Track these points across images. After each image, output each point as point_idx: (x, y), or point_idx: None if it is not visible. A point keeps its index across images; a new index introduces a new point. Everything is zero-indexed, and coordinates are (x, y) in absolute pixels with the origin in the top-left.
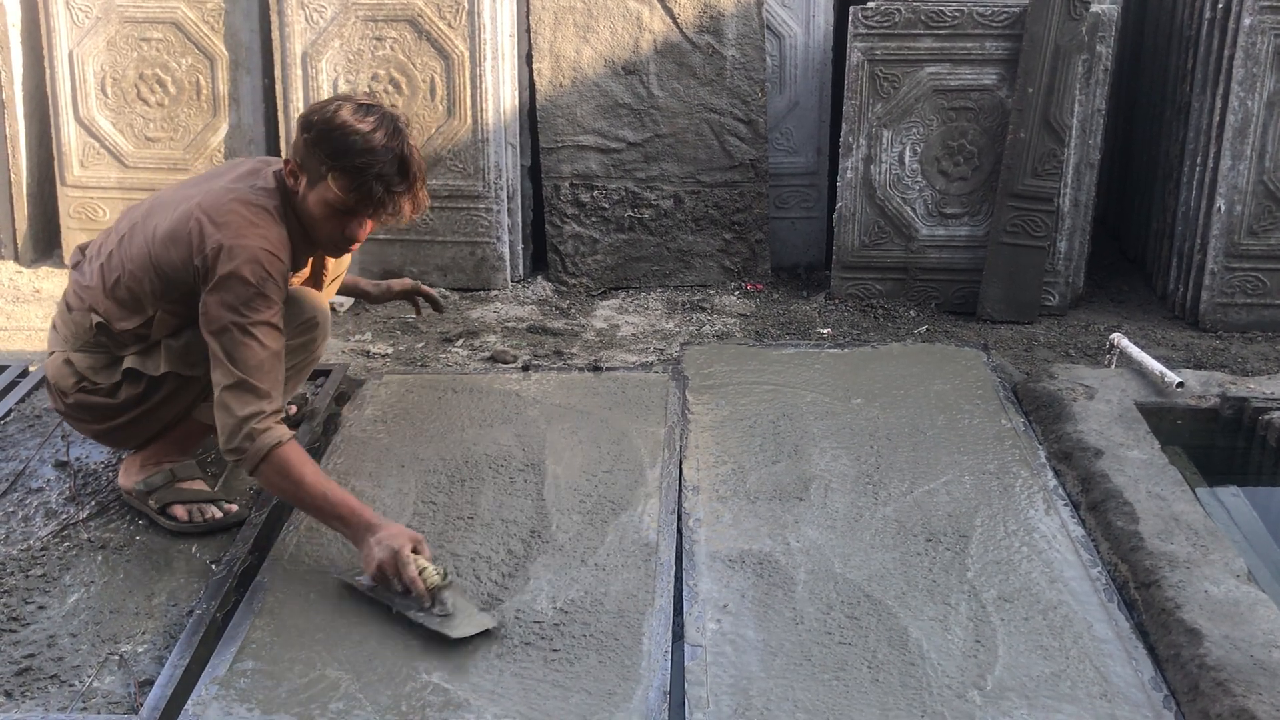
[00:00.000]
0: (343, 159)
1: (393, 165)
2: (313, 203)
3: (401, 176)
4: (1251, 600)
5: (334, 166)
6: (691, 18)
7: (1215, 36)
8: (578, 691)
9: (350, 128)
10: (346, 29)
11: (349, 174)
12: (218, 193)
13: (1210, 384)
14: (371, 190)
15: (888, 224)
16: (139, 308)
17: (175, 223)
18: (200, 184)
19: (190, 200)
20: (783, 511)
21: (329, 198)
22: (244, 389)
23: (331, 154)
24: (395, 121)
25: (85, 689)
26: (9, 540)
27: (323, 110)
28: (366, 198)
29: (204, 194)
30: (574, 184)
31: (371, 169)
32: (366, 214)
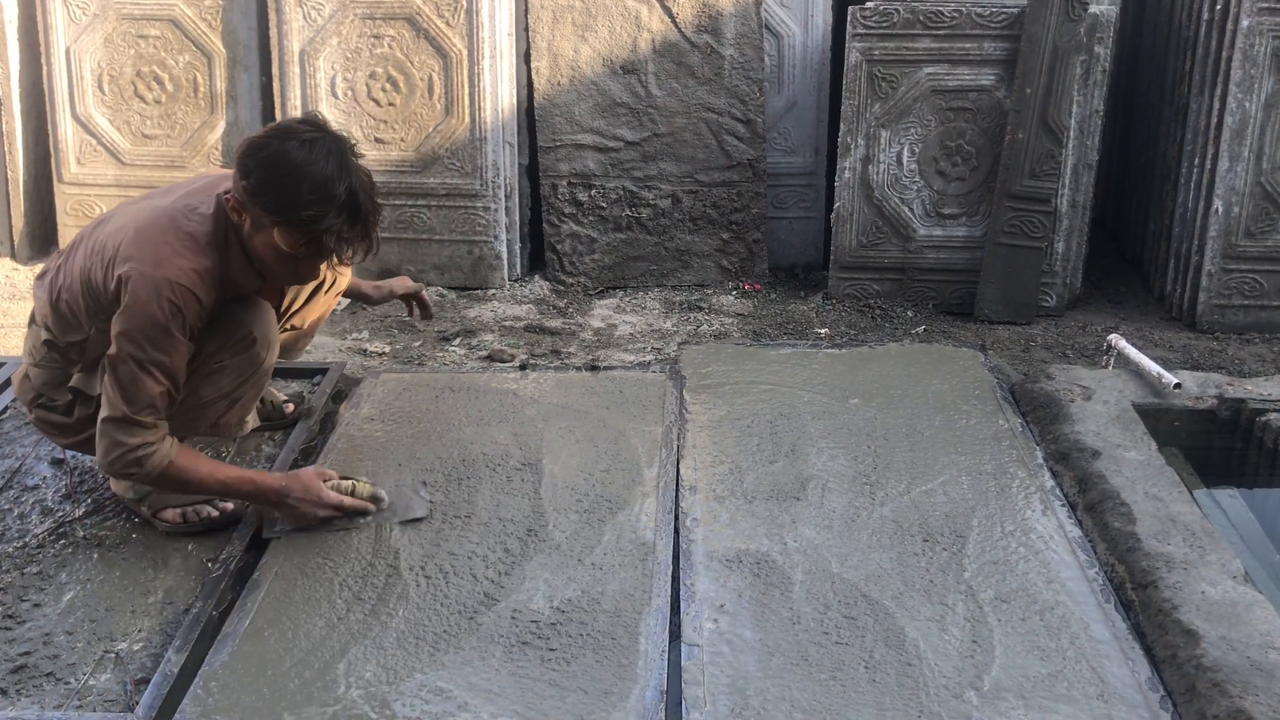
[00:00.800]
0: (288, 213)
1: (342, 214)
2: (260, 245)
3: (352, 223)
4: (1248, 601)
5: (279, 221)
6: (690, 17)
7: (1213, 38)
8: (574, 691)
9: (292, 178)
10: (344, 27)
11: (296, 228)
12: (152, 215)
13: (1207, 385)
14: (322, 243)
15: (885, 224)
16: (77, 324)
17: (106, 241)
18: (150, 201)
19: (130, 219)
20: (780, 511)
21: (275, 246)
22: (130, 424)
23: (275, 207)
24: (342, 155)
25: (81, 687)
26: (5, 537)
27: (262, 150)
28: (317, 250)
29: (141, 211)
30: (572, 183)
31: (320, 222)
32: (318, 261)
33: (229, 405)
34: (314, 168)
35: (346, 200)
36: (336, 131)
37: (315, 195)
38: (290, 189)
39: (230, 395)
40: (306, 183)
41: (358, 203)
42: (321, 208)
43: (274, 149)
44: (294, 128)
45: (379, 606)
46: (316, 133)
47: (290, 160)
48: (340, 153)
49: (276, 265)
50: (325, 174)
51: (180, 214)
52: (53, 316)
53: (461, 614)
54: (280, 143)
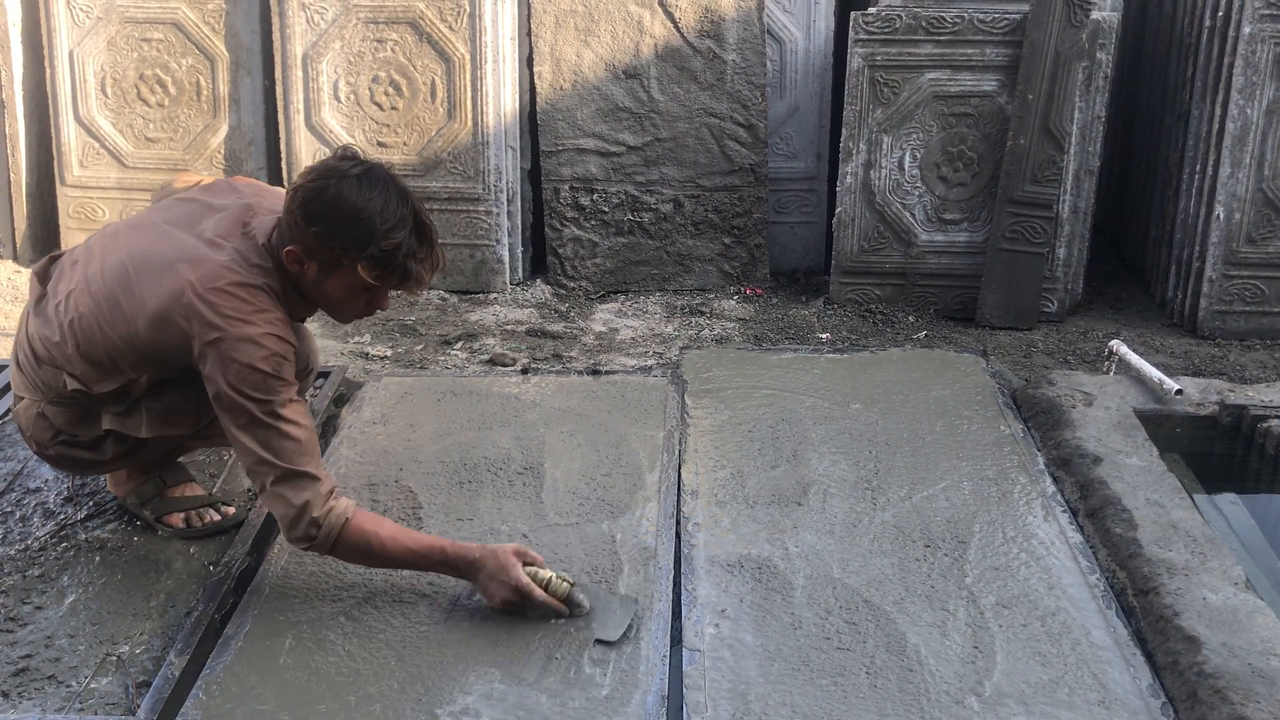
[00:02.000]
0: (368, 248)
1: (415, 237)
2: (332, 287)
3: (422, 243)
4: (1250, 608)
5: (360, 258)
6: (692, 22)
7: (1215, 44)
8: (576, 696)
9: (363, 212)
10: (347, 31)
11: (376, 261)
12: (211, 271)
13: (1209, 391)
14: (403, 269)
15: (887, 229)
16: (117, 371)
17: (166, 303)
18: (177, 236)
19: (174, 271)
20: (781, 516)
21: (355, 283)
22: (292, 479)
23: (354, 246)
24: (394, 182)
25: (82, 690)
26: (7, 540)
27: (322, 195)
28: (402, 275)
29: (192, 266)
30: (574, 187)
31: (400, 250)
32: (395, 288)
33: None
34: (374, 201)
35: (415, 222)
36: (373, 159)
37: (389, 225)
38: (364, 224)
39: None
40: (377, 216)
41: (423, 222)
42: (397, 235)
43: (333, 192)
44: (339, 166)
45: (381, 609)
46: (362, 166)
47: (355, 199)
48: (391, 179)
49: (352, 300)
50: (390, 202)
51: (239, 268)
52: (84, 366)
53: (462, 617)
54: (337, 184)
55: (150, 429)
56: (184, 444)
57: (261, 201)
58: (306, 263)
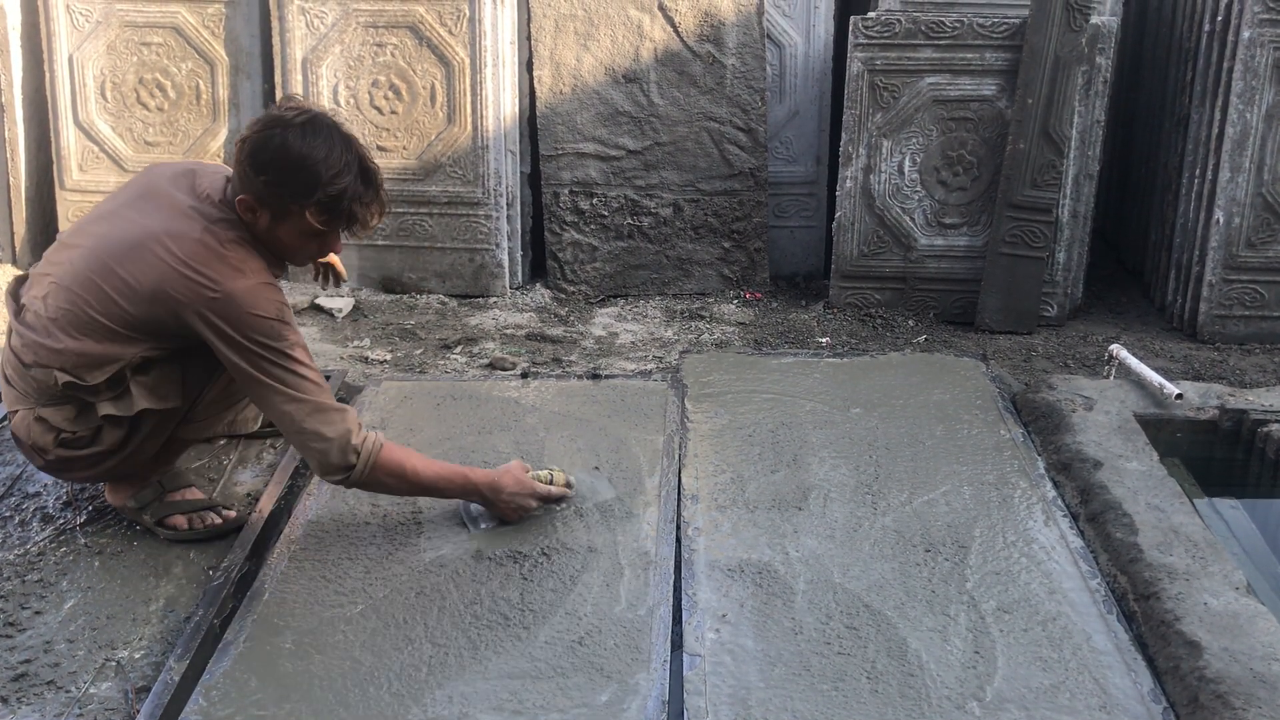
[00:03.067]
0: (315, 194)
1: (359, 181)
2: (284, 234)
3: (368, 186)
4: (1251, 613)
5: (308, 204)
6: (692, 26)
7: (1214, 49)
8: (576, 703)
9: (309, 160)
10: (347, 35)
11: (323, 206)
12: (186, 240)
13: (1209, 396)
14: (349, 213)
15: (887, 233)
16: (114, 358)
17: (155, 280)
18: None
19: (151, 248)
20: (782, 521)
21: (304, 228)
22: (324, 412)
23: (301, 192)
24: (338, 128)
25: (82, 695)
26: (5, 545)
27: (269, 144)
28: (348, 219)
29: (168, 239)
30: (574, 191)
31: (345, 195)
32: (341, 231)
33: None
34: (321, 145)
35: (360, 167)
36: (317, 107)
37: (334, 171)
38: (310, 171)
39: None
40: (322, 163)
41: (367, 166)
42: (342, 181)
43: (279, 141)
44: (283, 116)
45: (382, 614)
46: (304, 114)
47: (300, 147)
48: (334, 125)
49: (304, 246)
50: (335, 150)
51: (216, 227)
52: (77, 359)
53: (462, 622)
54: (282, 133)
55: (141, 402)
56: (178, 441)
57: (202, 166)
58: (259, 211)
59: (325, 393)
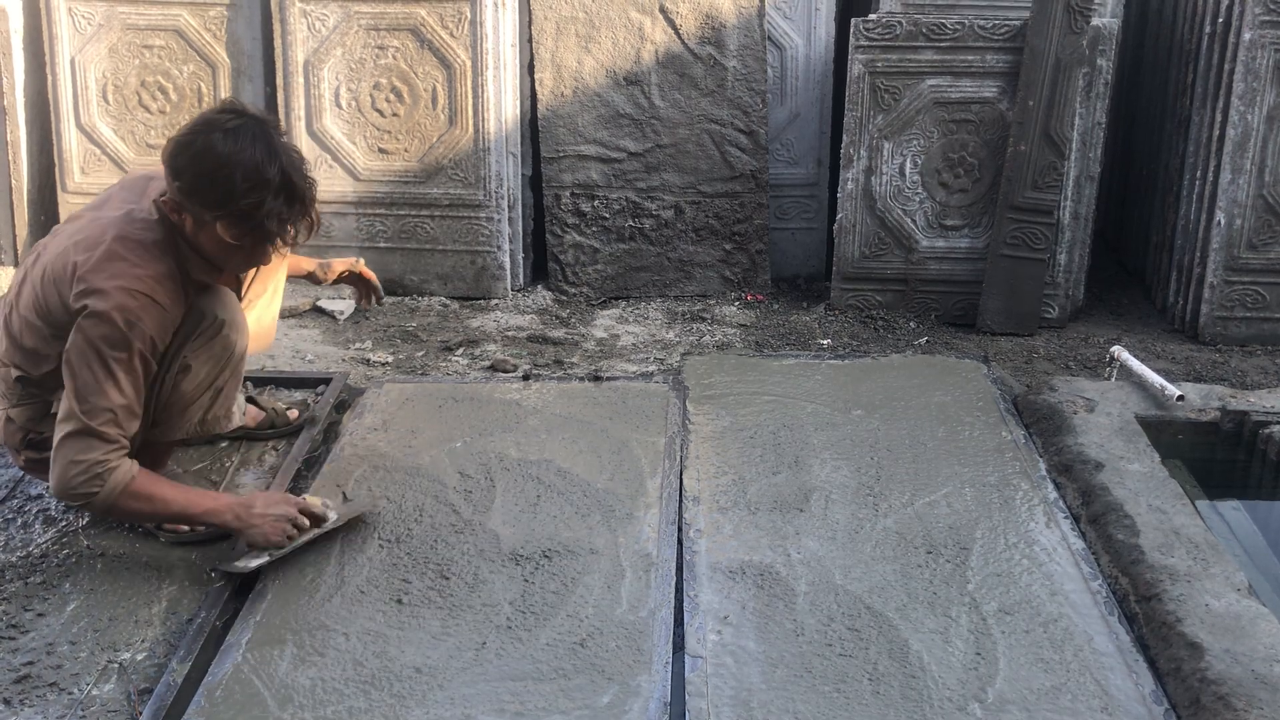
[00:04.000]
0: (227, 205)
1: (279, 196)
2: (206, 241)
3: (290, 203)
4: (1252, 614)
5: (220, 215)
6: (693, 29)
7: (1215, 51)
8: (578, 705)
9: (223, 169)
10: (349, 38)
11: (238, 218)
12: (96, 229)
13: (1210, 397)
14: (265, 229)
15: (888, 235)
16: (45, 355)
17: (54, 264)
18: (86, 215)
19: (75, 240)
20: (783, 523)
21: (223, 240)
22: (89, 436)
23: (213, 203)
24: (268, 138)
25: (84, 697)
26: (8, 547)
27: (188, 148)
28: (262, 236)
29: (84, 230)
30: (575, 193)
31: (260, 209)
32: (265, 248)
33: (213, 397)
34: (242, 156)
35: (280, 182)
36: (259, 114)
37: (249, 183)
38: (223, 181)
39: (212, 386)
40: (239, 172)
41: (292, 182)
42: (258, 194)
43: (200, 144)
44: (215, 119)
45: (384, 616)
46: (238, 119)
47: (218, 153)
48: (265, 136)
49: (227, 256)
50: (255, 160)
51: (125, 224)
52: (19, 354)
53: (464, 624)
54: (205, 137)
55: None
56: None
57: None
58: (182, 214)
59: (112, 419)
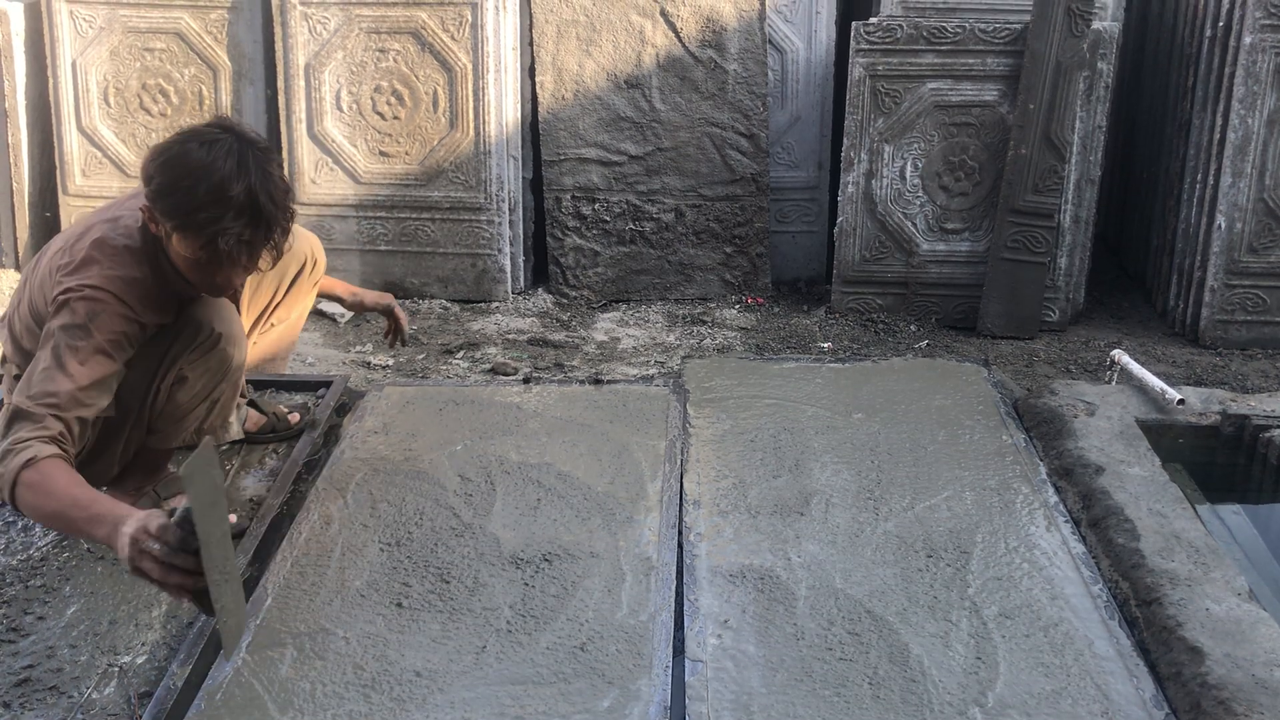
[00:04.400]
0: (184, 216)
1: (241, 216)
2: (173, 253)
3: (254, 226)
4: (1253, 619)
5: (177, 225)
6: (694, 32)
7: (1216, 54)
8: (578, 709)
9: (186, 179)
10: (350, 41)
11: (193, 232)
12: (82, 235)
13: (1211, 401)
14: (219, 249)
15: (888, 239)
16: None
17: (46, 266)
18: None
19: (65, 243)
20: (784, 526)
21: (183, 253)
22: (19, 417)
23: (172, 211)
24: (244, 155)
25: (84, 700)
26: (8, 550)
27: (164, 153)
28: (214, 255)
29: (74, 234)
30: (575, 197)
31: (217, 224)
32: (224, 268)
33: (209, 408)
34: (211, 169)
35: (245, 201)
36: (249, 134)
37: (210, 196)
38: (185, 191)
39: (208, 398)
40: (202, 184)
41: (257, 204)
42: (217, 210)
43: (175, 151)
44: (200, 130)
45: (384, 620)
46: (222, 134)
47: (188, 161)
48: (242, 153)
49: (190, 273)
50: (222, 174)
51: (107, 229)
52: (20, 356)
53: (464, 628)
54: (182, 145)
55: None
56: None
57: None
58: (157, 222)
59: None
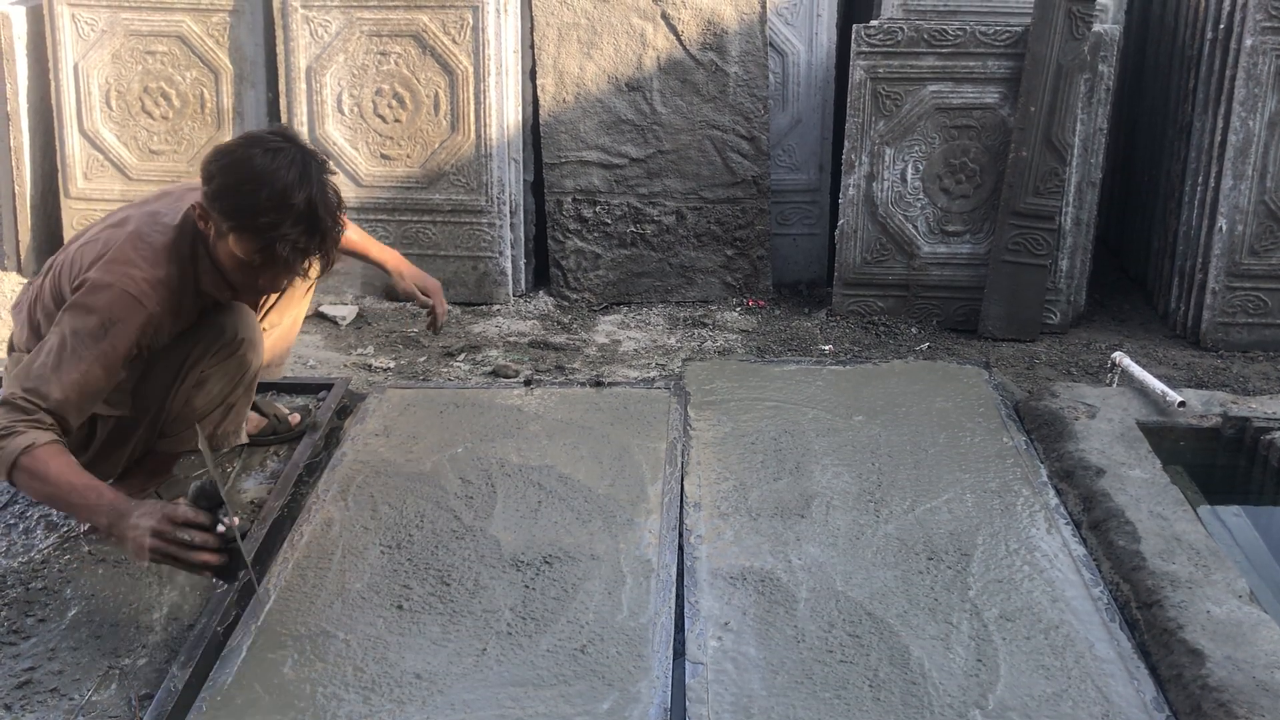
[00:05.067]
0: (244, 219)
1: (299, 224)
2: (221, 253)
3: (310, 234)
4: (1254, 621)
5: (235, 226)
6: (695, 35)
7: (1217, 57)
8: (578, 711)
9: (250, 183)
10: (351, 44)
11: (251, 235)
12: (119, 226)
13: (1212, 403)
14: (276, 252)
15: (889, 241)
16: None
17: (77, 254)
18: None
19: (102, 231)
20: (784, 529)
21: (235, 253)
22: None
23: (232, 213)
24: (306, 166)
25: (85, 703)
26: (10, 553)
27: (227, 154)
28: (271, 259)
29: (110, 226)
30: (577, 199)
31: (275, 230)
32: (275, 272)
33: (224, 413)
34: (274, 175)
35: (305, 210)
36: (308, 146)
37: (272, 203)
38: (248, 195)
39: (224, 402)
40: (265, 189)
41: (316, 214)
42: (278, 215)
43: (238, 155)
44: (263, 136)
45: (385, 622)
46: (283, 143)
47: (252, 166)
48: (304, 163)
49: (237, 274)
50: (285, 182)
51: (145, 223)
52: (33, 340)
53: (465, 629)
54: (245, 149)
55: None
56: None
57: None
58: (208, 221)
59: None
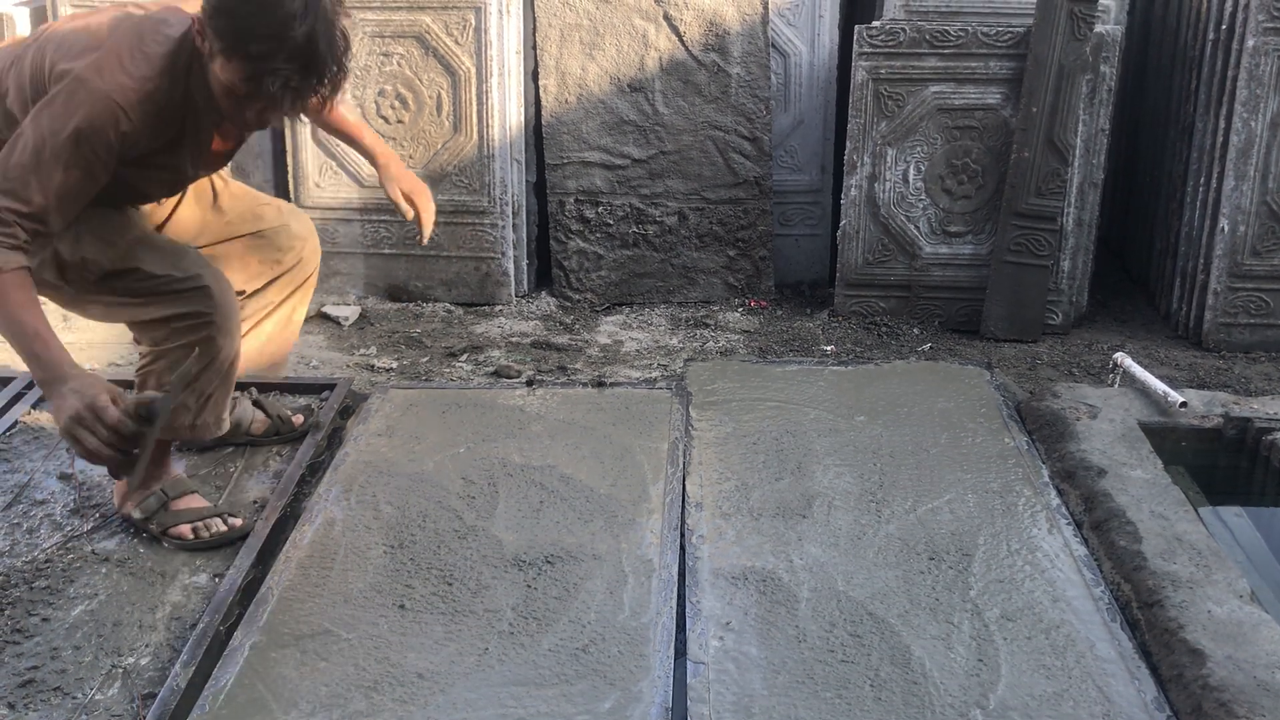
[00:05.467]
0: (236, 44)
1: (294, 60)
2: (211, 77)
3: (305, 73)
4: (1255, 621)
5: (225, 49)
6: (697, 35)
7: (1219, 58)
8: (580, 710)
9: (252, 3)
10: (354, 45)
11: (241, 62)
12: (122, 23)
13: (1214, 404)
14: (263, 86)
15: (891, 242)
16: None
17: (69, 36)
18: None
19: (104, 20)
20: (786, 529)
21: (223, 79)
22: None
23: (225, 32)
24: (320, 7)
25: (88, 701)
26: (13, 552)
27: None
28: (258, 92)
29: (117, 19)
30: (579, 200)
31: (267, 61)
32: (262, 107)
33: (200, 404)
34: (276, 4)
35: (302, 45)
36: None
37: (268, 31)
38: (244, 17)
39: (200, 392)
40: (264, 17)
41: (315, 51)
42: (271, 44)
43: None
44: None
45: (387, 621)
46: None
47: None
48: (317, 3)
49: (224, 101)
50: (286, 13)
51: (148, 28)
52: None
53: (466, 629)
54: None
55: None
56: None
57: None
58: (204, 39)
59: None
